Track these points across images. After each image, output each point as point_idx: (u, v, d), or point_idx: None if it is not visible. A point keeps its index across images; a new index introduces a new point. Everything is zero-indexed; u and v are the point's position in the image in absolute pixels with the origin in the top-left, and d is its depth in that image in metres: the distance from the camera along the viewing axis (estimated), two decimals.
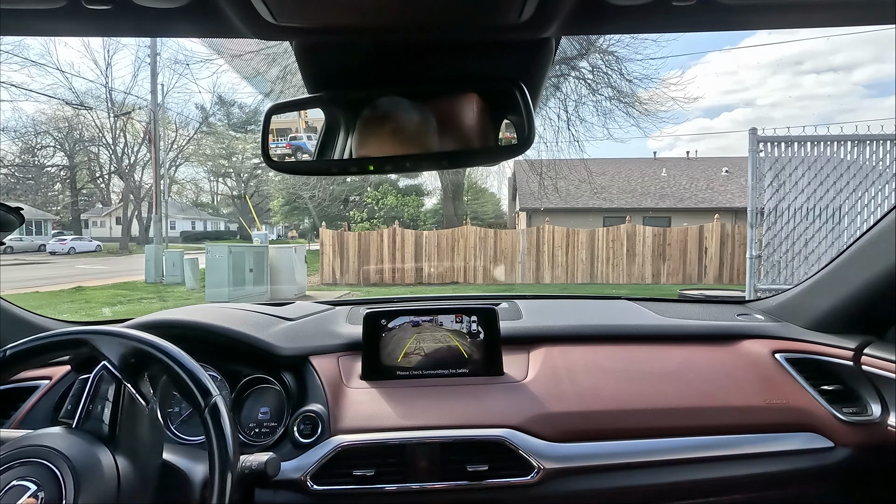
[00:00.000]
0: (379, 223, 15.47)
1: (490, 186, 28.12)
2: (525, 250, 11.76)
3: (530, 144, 0.65)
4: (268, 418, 1.15)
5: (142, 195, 26.18)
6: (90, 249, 23.26)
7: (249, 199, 19.11)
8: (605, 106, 14.76)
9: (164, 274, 11.48)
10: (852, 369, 1.17)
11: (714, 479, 1.07)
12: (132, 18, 0.50)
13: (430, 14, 0.52)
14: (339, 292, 10.24)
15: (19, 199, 24.50)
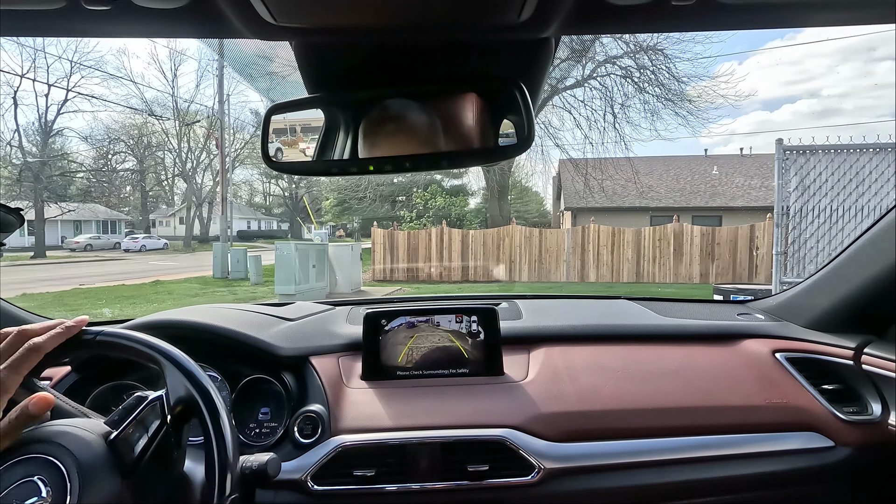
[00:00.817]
0: (427, 223, 15.98)
1: (534, 185, 28.19)
2: (570, 249, 11.94)
3: (530, 144, 0.65)
4: (268, 419, 1.15)
5: (202, 197, 27.96)
6: (158, 247, 25.11)
7: (307, 200, 20.01)
8: (653, 104, 14.68)
9: (230, 270, 12.41)
10: (853, 368, 1.17)
11: (715, 479, 1.07)
12: (131, 19, 0.51)
13: (430, 14, 0.53)
14: (391, 288, 10.80)
15: (96, 201, 26.68)
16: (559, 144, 15.71)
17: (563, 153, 16.04)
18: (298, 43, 0.62)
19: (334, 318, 1.40)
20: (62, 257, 20.27)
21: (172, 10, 0.48)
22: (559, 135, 16.13)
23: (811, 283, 1.35)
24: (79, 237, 24.46)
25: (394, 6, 0.50)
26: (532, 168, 19.00)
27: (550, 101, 15.37)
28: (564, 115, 15.41)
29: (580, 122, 14.96)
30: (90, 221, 26.72)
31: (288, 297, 8.15)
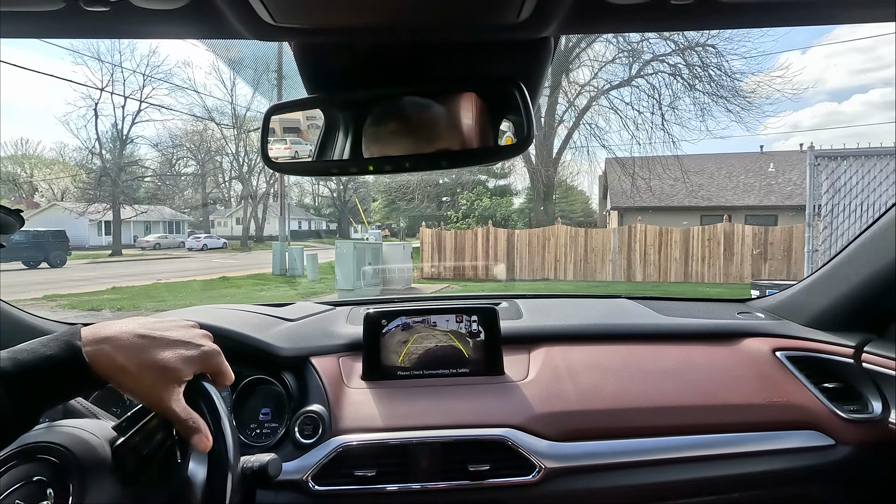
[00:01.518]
0: (472, 223, 16.34)
1: (579, 185, 27.99)
2: (616, 249, 11.98)
3: (530, 144, 0.65)
4: (269, 419, 1.15)
5: (258, 198, 29.46)
6: (218, 246, 26.68)
7: (358, 201, 20.84)
8: (703, 102, 14.44)
9: (287, 267, 13.21)
10: (853, 367, 1.17)
11: (715, 478, 1.07)
12: (130, 20, 0.51)
13: (429, 14, 0.53)
14: (439, 285, 11.24)
15: (163, 203, 28.62)
16: (605, 145, 15.69)
17: (609, 153, 16.01)
18: (297, 43, 0.62)
19: (334, 318, 1.40)
20: (135, 255, 21.94)
21: (171, 10, 0.48)
22: (605, 136, 16.08)
23: (811, 282, 1.35)
24: (149, 237, 26.31)
25: (393, 6, 0.50)
26: (577, 167, 18.95)
27: (596, 102, 15.39)
28: (611, 115, 15.38)
29: (627, 122, 14.91)
30: (158, 222, 28.64)
31: (347, 293, 8.75)
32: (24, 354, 0.54)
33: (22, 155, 35.41)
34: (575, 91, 15.78)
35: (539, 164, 15.60)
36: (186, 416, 0.59)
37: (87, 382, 0.56)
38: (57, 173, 32.61)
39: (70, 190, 29.66)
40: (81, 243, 23.74)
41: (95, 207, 22.43)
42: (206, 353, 0.63)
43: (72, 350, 0.55)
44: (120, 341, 0.57)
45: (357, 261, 8.83)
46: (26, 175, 35.27)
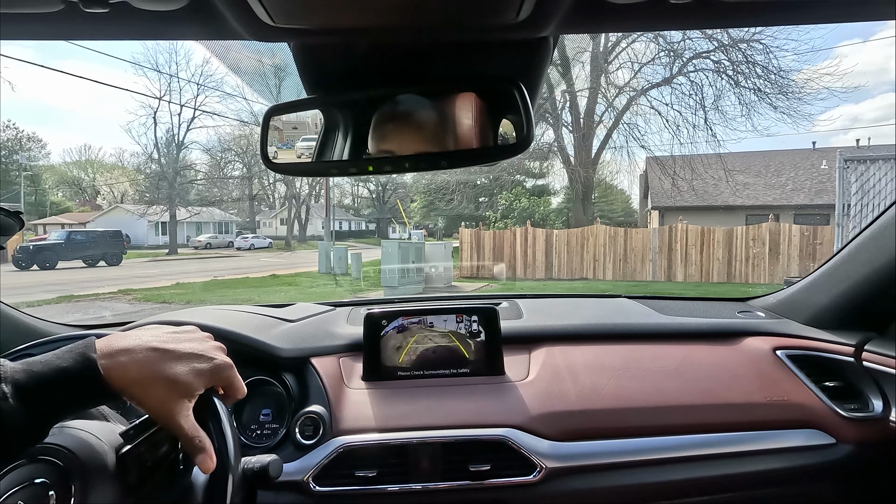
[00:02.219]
0: (511, 223, 16.53)
1: (619, 184, 27.64)
2: (656, 248, 11.93)
3: (529, 144, 0.65)
4: (269, 420, 1.15)
5: (301, 200, 30.55)
6: (264, 246, 27.83)
7: (400, 203, 21.38)
8: (750, 99, 14.12)
9: (333, 266, 13.79)
10: (853, 365, 1.18)
11: (717, 477, 1.07)
12: (129, 21, 0.51)
13: (428, 14, 0.52)
14: (479, 284, 11.53)
15: (213, 204, 30.09)
16: (644, 146, 15.56)
17: (649, 152, 15.87)
18: (296, 44, 0.62)
19: (335, 318, 1.40)
20: (189, 254, 23.23)
21: (170, 11, 0.48)
22: (645, 136, 15.93)
23: (812, 281, 1.35)
24: (200, 237, 27.69)
25: (391, 7, 0.50)
26: (617, 167, 18.80)
27: (636, 102, 15.29)
28: (651, 114, 15.24)
29: (668, 121, 14.74)
30: (208, 223, 30.08)
31: (392, 291, 9.18)
32: (38, 366, 0.53)
33: (85, 160, 38.07)
34: (614, 92, 15.72)
35: (578, 165, 15.62)
36: (193, 434, 0.58)
37: (101, 395, 0.56)
38: (117, 177, 34.83)
39: (129, 193, 31.63)
40: (141, 242, 25.37)
41: (154, 209, 23.95)
42: (219, 366, 0.62)
43: (86, 362, 0.54)
44: (134, 354, 0.57)
45: (401, 259, 9.26)
46: (89, 179, 37.82)
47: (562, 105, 16.33)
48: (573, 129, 15.99)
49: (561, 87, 16.25)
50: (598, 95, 15.91)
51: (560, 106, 16.29)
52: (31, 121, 59.24)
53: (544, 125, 16.54)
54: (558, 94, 16.33)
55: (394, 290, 9.16)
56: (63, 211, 32.51)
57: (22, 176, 29.17)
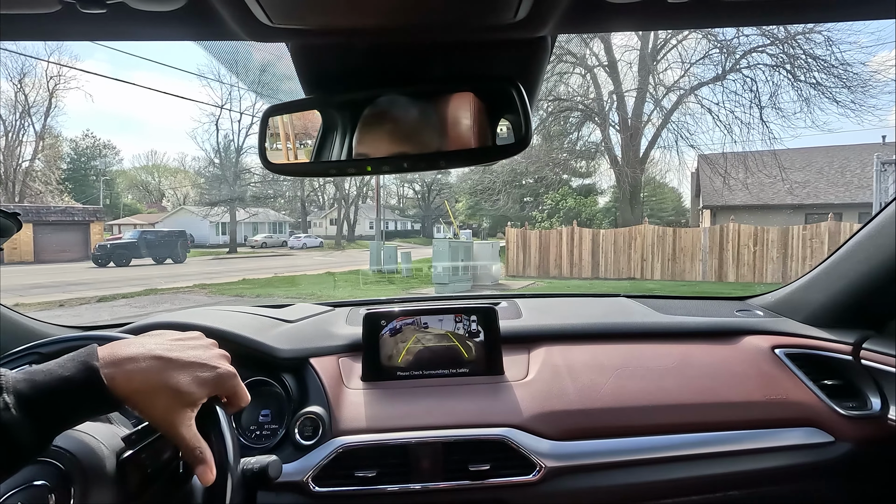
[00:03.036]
0: (557, 223, 16.61)
1: (670, 182, 27.00)
2: (707, 248, 11.76)
3: (528, 144, 0.64)
4: (268, 420, 1.15)
5: (350, 201, 31.59)
6: (316, 245, 28.98)
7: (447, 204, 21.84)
8: (809, 94, 13.63)
9: (383, 264, 14.35)
10: (852, 364, 1.18)
11: (716, 475, 1.08)
12: (127, 22, 0.51)
13: (426, 14, 0.53)
14: (525, 282, 11.77)
15: (267, 205, 31.59)
16: (693, 145, 15.28)
17: (699, 151, 15.56)
18: (295, 44, 0.62)
19: (334, 319, 1.40)
20: (247, 252, 24.56)
21: (168, 12, 0.48)
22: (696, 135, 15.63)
23: (810, 279, 1.36)
24: (257, 236, 29.15)
25: (389, 7, 0.50)
26: (666, 165, 18.47)
27: (686, 100, 15.04)
28: (701, 112, 14.95)
29: (719, 119, 14.43)
30: (264, 223, 31.61)
31: (443, 287, 9.60)
32: (40, 376, 0.52)
33: (152, 165, 40.83)
34: (662, 91, 15.53)
35: (625, 165, 15.52)
36: (194, 445, 0.58)
37: (104, 404, 0.55)
38: (180, 180, 37.22)
39: (190, 195, 33.77)
40: (203, 241, 27.04)
41: (215, 210, 25.51)
42: (222, 375, 0.62)
43: (89, 371, 0.53)
44: (138, 362, 0.56)
45: (451, 258, 9.69)
46: (155, 182, 40.56)
47: (609, 106, 16.26)
48: (621, 129, 15.89)
49: (608, 87, 16.19)
50: (646, 95, 15.76)
51: (608, 107, 16.23)
52: (106, 129, 64.05)
53: (591, 125, 16.53)
54: (605, 95, 16.28)
55: (444, 286, 9.59)
56: (133, 212, 35.10)
57: (101, 181, 31.81)
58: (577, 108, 16.57)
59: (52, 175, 24.20)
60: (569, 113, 16.70)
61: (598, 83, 16.43)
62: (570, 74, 16.42)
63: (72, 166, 31.78)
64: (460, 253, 10.08)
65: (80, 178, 31.84)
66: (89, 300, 9.07)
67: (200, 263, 18.17)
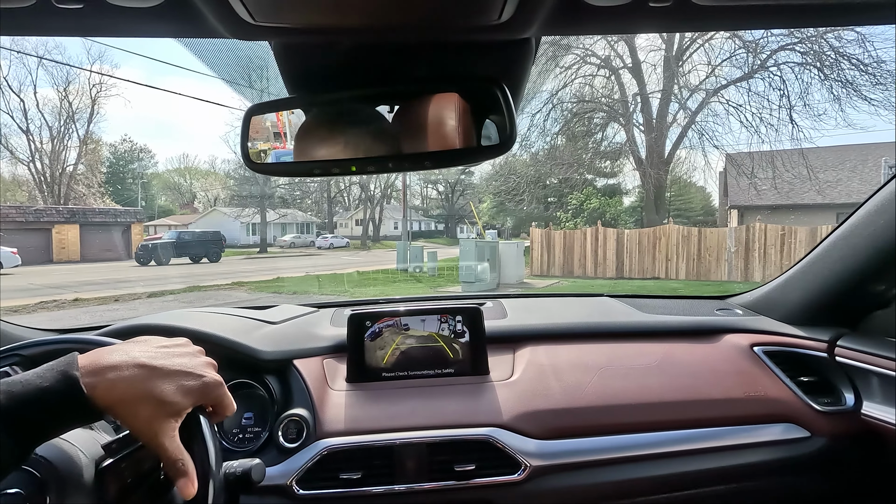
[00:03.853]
0: (581, 223, 16.71)
1: (698, 181, 26.68)
2: (732, 248, 11.75)
3: (512, 144, 0.65)
4: (252, 423, 1.14)
5: (375, 202, 32.15)
6: (342, 245, 29.53)
7: (472, 205, 22.11)
8: (839, 92, 13.43)
9: (409, 263, 14.71)
10: (827, 361, 1.21)
11: (697, 472, 1.09)
12: (105, 18, 0.50)
13: (411, 14, 0.52)
14: (549, 281, 11.98)
15: (295, 206, 32.40)
16: (717, 146, 15.19)
17: (723, 151, 15.47)
18: (278, 43, 0.62)
19: (318, 320, 1.40)
20: (276, 252, 25.23)
21: (147, 8, 0.47)
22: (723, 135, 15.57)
23: (786, 279, 1.38)
24: (286, 236, 29.90)
25: (374, 6, 0.50)
26: (692, 165, 18.34)
27: (712, 100, 14.98)
28: (727, 112, 14.86)
29: (746, 118, 14.33)
30: (292, 223, 32.31)
31: (469, 286, 9.91)
32: (17, 387, 0.51)
33: (184, 168, 42.24)
34: (687, 92, 15.48)
35: (649, 166, 15.53)
36: (177, 457, 0.56)
37: (84, 415, 0.53)
38: (211, 182, 38.42)
39: (220, 197, 34.85)
40: (235, 242, 27.88)
41: (246, 212, 26.36)
42: (208, 384, 0.60)
43: (68, 381, 0.51)
44: (121, 371, 0.54)
45: (478, 257, 10.00)
46: (187, 184, 41.95)
47: (633, 107, 16.29)
48: (645, 130, 15.91)
49: (633, 89, 16.23)
50: (670, 96, 15.73)
51: (632, 108, 16.25)
52: (142, 134, 66.54)
53: (616, 126, 16.58)
54: (629, 96, 16.31)
55: (470, 285, 9.90)
56: (168, 213, 36.42)
57: (139, 184, 33.18)
58: (602, 109, 16.65)
59: (94, 178, 25.41)
60: (593, 114, 16.79)
61: (622, 84, 16.47)
62: (595, 76, 16.52)
63: (111, 169, 33.18)
64: (486, 253, 10.37)
65: (119, 180, 33.31)
66: (140, 296, 9.71)
67: (234, 263, 18.78)
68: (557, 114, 16.35)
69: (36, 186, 23.90)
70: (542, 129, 16.28)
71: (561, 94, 16.20)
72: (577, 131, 16.87)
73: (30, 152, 23.73)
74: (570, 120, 16.46)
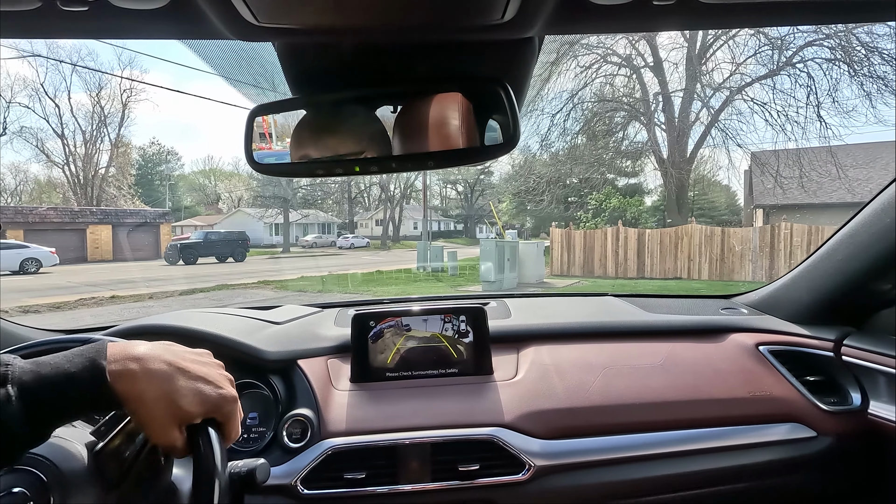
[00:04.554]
0: (602, 223, 16.62)
1: (722, 180, 26.21)
2: (757, 248, 11.59)
3: (515, 144, 0.65)
4: (256, 423, 1.14)
5: (395, 202, 32.42)
6: (363, 245, 29.83)
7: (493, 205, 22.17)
8: (870, 88, 13.11)
9: (429, 263, 14.84)
10: (833, 360, 1.20)
11: (702, 472, 1.09)
12: (109, 20, 0.50)
13: (414, 14, 0.52)
14: (570, 281, 11.99)
15: (317, 207, 32.81)
16: (741, 144, 14.95)
17: (747, 150, 15.22)
18: (281, 44, 0.62)
19: (322, 320, 1.40)
20: (299, 252, 25.58)
21: (151, 10, 0.47)
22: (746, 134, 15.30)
23: (792, 277, 1.37)
24: (307, 236, 30.29)
25: (377, 6, 0.50)
26: (716, 164, 18.05)
27: (735, 98, 14.76)
28: (752, 110, 14.63)
29: (771, 116, 14.09)
30: (314, 224, 32.75)
31: (489, 286, 10.01)
32: (46, 368, 0.52)
33: (209, 169, 43.20)
34: (710, 91, 15.28)
35: (671, 165, 15.37)
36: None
37: (101, 405, 0.55)
38: (234, 184, 39.22)
39: (244, 198, 35.55)
40: (258, 242, 28.42)
41: (270, 212, 26.87)
42: (224, 397, 0.60)
43: (95, 370, 0.52)
44: (147, 363, 0.55)
45: (498, 257, 10.09)
46: (212, 186, 42.89)
47: (655, 106, 16.14)
48: (667, 129, 15.75)
49: (654, 87, 16.08)
50: (693, 94, 15.54)
51: (653, 107, 16.11)
52: (169, 137, 68.39)
53: (637, 125, 16.44)
54: (651, 96, 16.17)
55: (491, 285, 10.00)
56: (193, 214, 37.28)
57: (166, 185, 34.15)
58: (623, 108, 16.54)
59: (124, 180, 26.26)
60: (614, 113, 16.69)
61: (643, 83, 16.33)
62: (616, 75, 16.43)
63: (140, 172, 34.17)
64: (506, 253, 10.46)
65: (148, 182, 34.30)
66: (173, 293, 10.07)
67: (258, 262, 19.11)
68: (578, 113, 16.29)
69: (70, 188, 24.84)
70: (562, 129, 16.24)
71: (581, 93, 16.14)
72: (597, 130, 16.78)
73: (64, 156, 24.70)
74: (590, 119, 16.38)
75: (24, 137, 24.68)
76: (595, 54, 15.91)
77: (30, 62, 25.86)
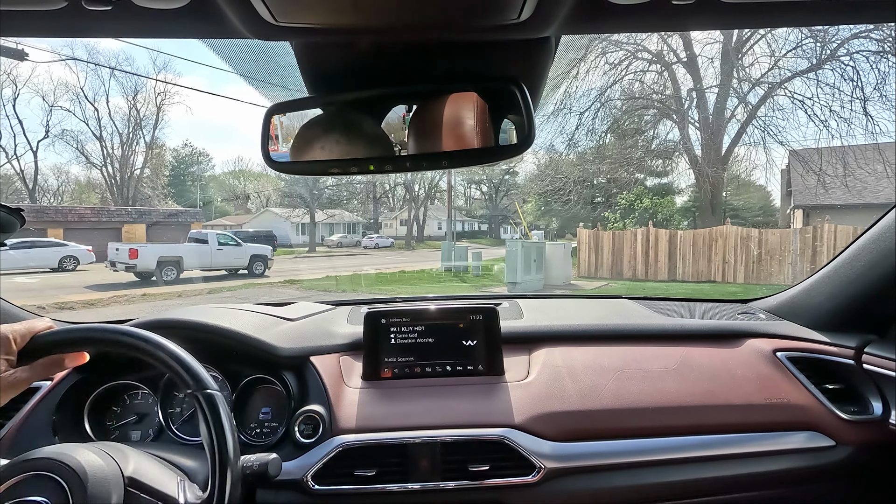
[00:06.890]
0: (631, 223, 16.23)
1: (758, 180, 25.31)
2: (798, 250, 11.07)
3: (530, 144, 0.65)
4: (269, 418, 1.16)
5: (419, 202, 32.47)
6: (387, 245, 30.02)
7: (518, 206, 21.97)
8: None
9: (453, 263, 14.76)
10: (854, 368, 1.17)
11: (715, 478, 1.07)
12: (132, 19, 0.51)
13: (430, 14, 0.53)
14: (598, 283, 11.71)
15: (342, 207, 33.17)
16: (781, 142, 14.33)
17: (788, 147, 14.59)
18: (299, 43, 0.63)
19: (335, 317, 1.40)
20: (324, 252, 25.89)
21: (173, 10, 0.49)
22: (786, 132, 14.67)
23: (812, 283, 1.34)
24: (333, 236, 30.71)
25: (394, 6, 0.50)
26: (752, 163, 17.37)
27: (774, 94, 14.16)
28: (793, 106, 14.01)
29: (814, 112, 13.46)
30: (339, 224, 33.16)
31: (514, 287, 9.84)
32: None
33: (238, 170, 44.13)
34: (748, 86, 14.70)
35: (705, 164, 14.86)
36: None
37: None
38: (263, 184, 39.97)
39: (272, 198, 36.20)
40: (285, 241, 28.90)
41: (297, 212, 27.27)
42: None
43: None
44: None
45: (524, 258, 9.91)
46: (241, 186, 43.81)
47: (688, 103, 15.64)
48: (701, 126, 15.23)
49: (687, 84, 15.58)
50: (729, 91, 14.99)
51: (686, 104, 15.62)
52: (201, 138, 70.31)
53: (669, 123, 15.98)
54: (683, 92, 15.67)
55: (516, 286, 9.83)
56: (223, 214, 38.18)
57: (198, 186, 35.06)
58: (653, 106, 16.09)
59: (158, 181, 27.08)
60: (644, 111, 16.25)
61: (675, 79, 15.85)
62: (646, 72, 16.00)
63: (173, 172, 35.22)
64: (532, 253, 10.27)
65: (180, 182, 35.31)
66: (200, 292, 10.26)
67: (285, 261, 19.37)
68: (606, 112, 15.93)
69: (107, 189, 25.73)
70: (590, 128, 15.90)
71: (610, 91, 15.77)
72: (626, 129, 16.38)
73: (102, 157, 25.62)
74: (619, 118, 15.99)
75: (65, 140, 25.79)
76: (625, 51, 15.51)
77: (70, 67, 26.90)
